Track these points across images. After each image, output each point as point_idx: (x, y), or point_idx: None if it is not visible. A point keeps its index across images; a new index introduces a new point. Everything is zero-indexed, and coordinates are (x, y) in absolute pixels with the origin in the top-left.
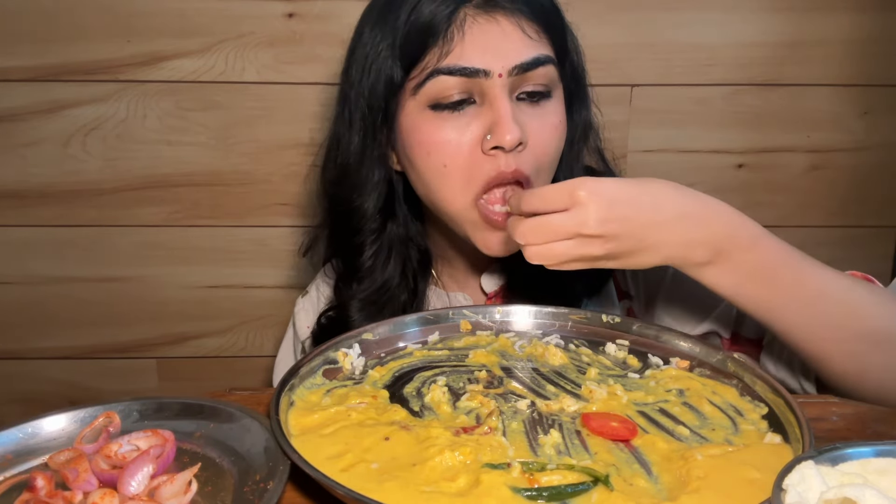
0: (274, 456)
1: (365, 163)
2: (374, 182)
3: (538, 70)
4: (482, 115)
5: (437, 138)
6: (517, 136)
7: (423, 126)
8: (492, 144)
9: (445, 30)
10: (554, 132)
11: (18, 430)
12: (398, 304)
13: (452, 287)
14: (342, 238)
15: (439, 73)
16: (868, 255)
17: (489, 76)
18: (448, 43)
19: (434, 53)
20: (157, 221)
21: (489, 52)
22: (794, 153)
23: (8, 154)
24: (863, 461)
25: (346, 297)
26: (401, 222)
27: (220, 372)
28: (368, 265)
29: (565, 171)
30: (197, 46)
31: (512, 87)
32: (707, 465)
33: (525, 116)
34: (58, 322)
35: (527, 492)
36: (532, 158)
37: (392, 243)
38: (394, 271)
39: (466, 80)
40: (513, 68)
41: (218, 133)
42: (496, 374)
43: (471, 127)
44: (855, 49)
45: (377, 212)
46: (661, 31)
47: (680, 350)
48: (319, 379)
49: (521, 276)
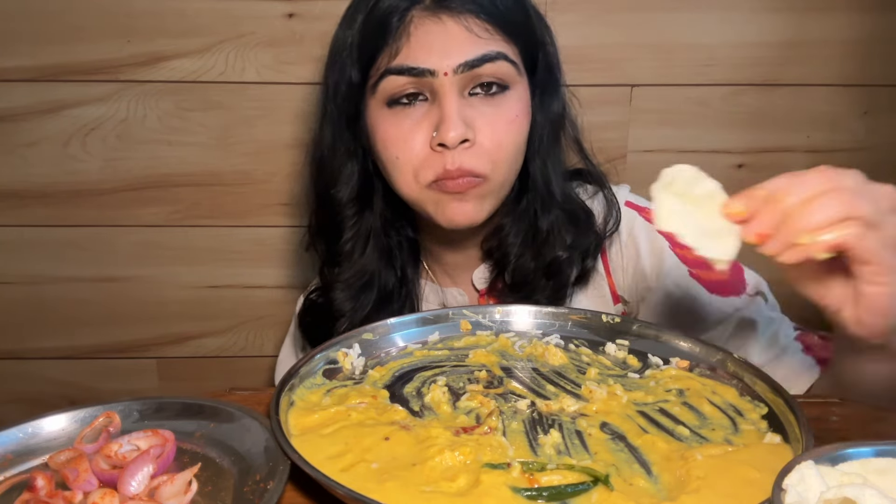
0: (274, 456)
1: (336, 157)
2: (347, 174)
3: (486, 67)
4: (432, 112)
5: (391, 133)
6: (460, 133)
7: (381, 122)
8: (437, 141)
9: (395, 31)
10: (509, 126)
11: (18, 430)
12: (385, 290)
13: (446, 282)
14: (323, 224)
15: (389, 72)
16: None
17: (435, 75)
18: (397, 44)
19: (385, 54)
20: (156, 221)
21: (434, 52)
22: (794, 153)
23: (8, 154)
24: (863, 461)
25: (328, 280)
26: (377, 213)
27: (220, 372)
28: (347, 249)
29: (539, 164)
30: (197, 46)
31: (462, 84)
32: (707, 465)
33: (475, 112)
34: (58, 322)
35: (527, 492)
36: (483, 153)
37: (369, 231)
38: (372, 257)
39: (415, 79)
40: (458, 66)
41: (218, 133)
42: (496, 374)
43: (422, 124)
44: (855, 49)
45: (351, 202)
46: (661, 31)
47: (680, 350)
48: (319, 379)
49: (511, 271)
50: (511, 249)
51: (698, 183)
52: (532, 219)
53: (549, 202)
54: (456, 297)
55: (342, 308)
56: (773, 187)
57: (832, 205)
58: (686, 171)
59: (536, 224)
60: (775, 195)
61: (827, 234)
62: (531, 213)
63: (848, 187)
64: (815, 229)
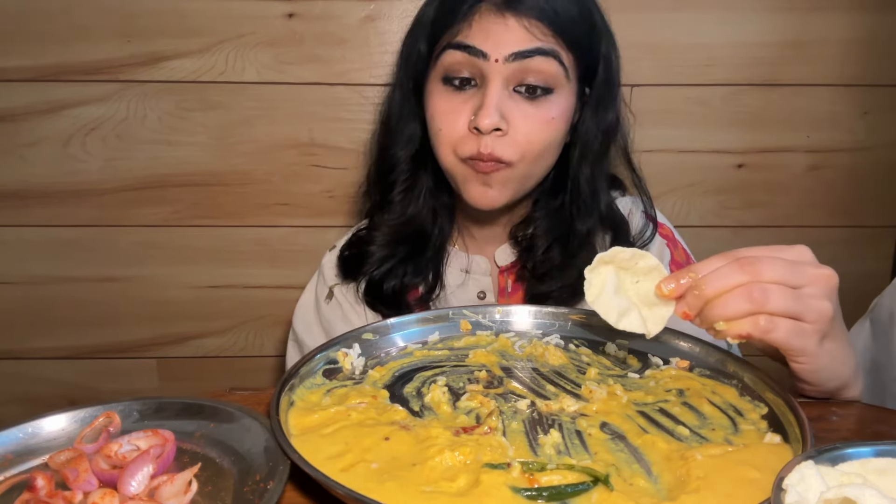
0: (274, 456)
1: (401, 118)
2: (408, 135)
3: (536, 59)
4: (476, 97)
5: (440, 107)
6: (493, 122)
7: (435, 94)
8: (473, 125)
9: (461, 16)
10: (544, 126)
11: (18, 430)
12: (422, 241)
13: (473, 250)
14: (380, 176)
15: (449, 47)
16: (868, 255)
17: (487, 59)
18: (459, 26)
19: (450, 32)
20: (156, 221)
21: (490, 39)
22: (794, 153)
23: (8, 154)
24: (863, 461)
25: (376, 222)
26: (430, 173)
27: (220, 372)
28: (399, 199)
29: (587, 172)
30: (197, 46)
31: (510, 76)
32: (707, 465)
33: (514, 106)
34: (58, 322)
35: (527, 492)
36: (514, 145)
37: (422, 188)
38: (421, 209)
39: (470, 57)
40: (509, 55)
41: (218, 133)
42: (496, 374)
43: (466, 105)
44: (855, 49)
45: (408, 159)
46: (661, 31)
47: (680, 350)
48: (319, 379)
49: (537, 261)
50: (538, 242)
51: (641, 259)
52: (569, 219)
53: (590, 207)
54: (480, 264)
55: (377, 251)
56: (698, 274)
57: (741, 301)
58: (624, 251)
59: (573, 225)
60: (699, 283)
61: (735, 327)
62: (568, 213)
63: (766, 279)
64: (727, 319)
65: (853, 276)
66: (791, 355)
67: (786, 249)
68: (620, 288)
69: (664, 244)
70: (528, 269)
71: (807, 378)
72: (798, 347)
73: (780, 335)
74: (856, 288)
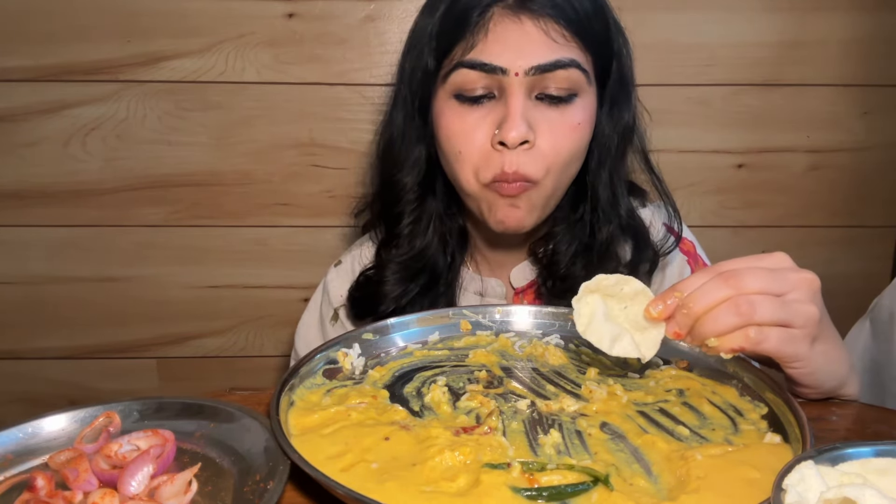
0: (274, 456)
1: (405, 140)
2: (413, 159)
3: (558, 73)
4: (497, 109)
5: (456, 127)
6: (522, 133)
7: (447, 113)
8: (498, 139)
9: (474, 26)
10: (571, 133)
11: (18, 430)
12: (435, 273)
13: (486, 272)
14: (385, 206)
15: (462, 65)
16: (868, 255)
17: (506, 74)
18: (474, 38)
19: (461, 47)
20: (157, 221)
21: (509, 51)
22: (794, 153)
23: (8, 154)
24: (863, 461)
25: (385, 260)
26: (439, 198)
27: (220, 372)
28: (407, 232)
29: (605, 177)
30: (197, 46)
31: (531, 86)
32: (707, 465)
33: (539, 115)
34: (58, 322)
35: (527, 492)
36: (540, 158)
37: (430, 216)
38: (430, 241)
39: (486, 75)
40: (530, 69)
41: (218, 133)
42: (496, 374)
43: (486, 120)
44: (855, 49)
45: (415, 186)
46: (661, 31)
47: (680, 350)
48: (319, 379)
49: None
50: (562, 258)
51: (625, 284)
52: (589, 229)
53: (610, 215)
54: (495, 288)
55: (391, 291)
56: (683, 293)
57: (729, 316)
58: (608, 278)
59: (594, 235)
60: (686, 302)
61: (726, 342)
62: (588, 223)
63: (750, 290)
64: (718, 335)
65: (853, 276)
66: (785, 362)
67: (765, 258)
68: (609, 314)
69: (685, 261)
70: (547, 287)
71: (804, 381)
72: (790, 354)
73: (772, 344)
74: (856, 288)
